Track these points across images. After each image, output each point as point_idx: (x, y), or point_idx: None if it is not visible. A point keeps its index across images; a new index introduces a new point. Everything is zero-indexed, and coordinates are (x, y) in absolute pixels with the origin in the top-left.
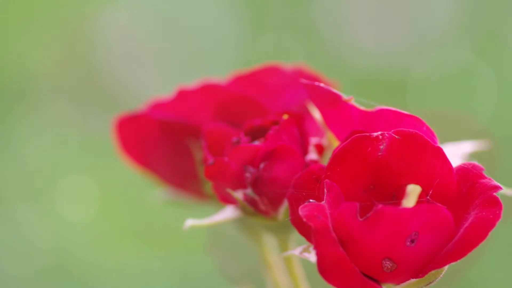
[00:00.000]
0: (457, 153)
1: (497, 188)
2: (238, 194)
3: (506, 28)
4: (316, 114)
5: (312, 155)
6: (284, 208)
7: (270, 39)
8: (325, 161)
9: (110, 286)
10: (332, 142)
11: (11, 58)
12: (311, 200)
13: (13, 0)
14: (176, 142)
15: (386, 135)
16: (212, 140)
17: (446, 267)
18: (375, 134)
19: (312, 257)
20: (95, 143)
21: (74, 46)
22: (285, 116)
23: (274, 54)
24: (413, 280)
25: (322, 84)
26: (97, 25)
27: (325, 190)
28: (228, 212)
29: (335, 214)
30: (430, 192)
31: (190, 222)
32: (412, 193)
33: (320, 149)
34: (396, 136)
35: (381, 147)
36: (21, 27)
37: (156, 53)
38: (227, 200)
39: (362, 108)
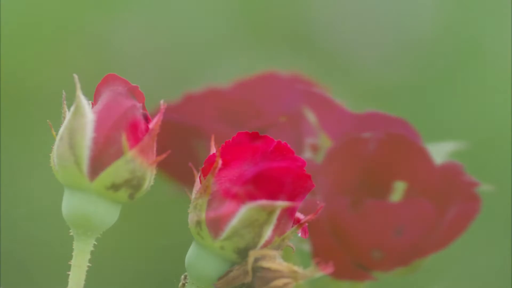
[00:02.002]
0: (439, 152)
1: (476, 184)
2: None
3: (490, 33)
4: (311, 116)
5: (308, 154)
6: None
7: (269, 47)
8: (320, 159)
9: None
10: (326, 142)
11: (25, 65)
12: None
13: (28, 11)
14: (182, 142)
15: (375, 136)
16: (215, 140)
17: (429, 256)
18: (365, 135)
19: (307, 246)
20: None
21: (86, 51)
22: (283, 119)
23: (273, 61)
24: (399, 268)
25: (316, 89)
26: (106, 33)
27: (320, 186)
28: None
29: (328, 208)
30: (415, 188)
31: None
32: (399, 189)
33: (315, 148)
34: (384, 137)
35: (371, 147)
36: (34, 37)
37: (164, 60)
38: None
39: (353, 111)
